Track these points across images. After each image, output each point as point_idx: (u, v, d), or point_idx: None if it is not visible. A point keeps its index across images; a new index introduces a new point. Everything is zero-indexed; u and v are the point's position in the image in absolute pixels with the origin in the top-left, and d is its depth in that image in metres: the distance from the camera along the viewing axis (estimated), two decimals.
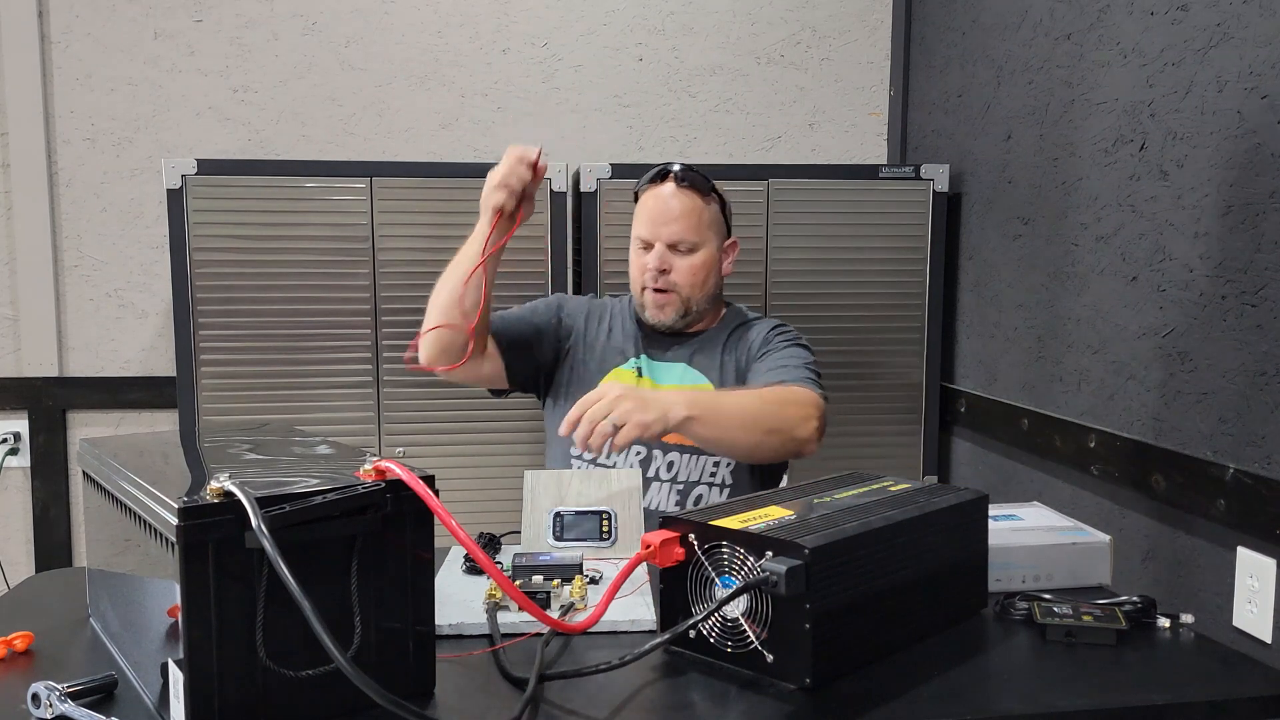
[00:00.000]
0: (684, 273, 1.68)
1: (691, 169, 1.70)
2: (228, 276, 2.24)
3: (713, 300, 1.75)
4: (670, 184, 1.69)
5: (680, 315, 1.71)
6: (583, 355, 1.76)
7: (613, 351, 1.75)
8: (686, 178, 1.69)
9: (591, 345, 1.77)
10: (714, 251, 1.72)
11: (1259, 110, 1.42)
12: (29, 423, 2.58)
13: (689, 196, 1.68)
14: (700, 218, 1.69)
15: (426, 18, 2.63)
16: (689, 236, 1.68)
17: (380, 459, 0.96)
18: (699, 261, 1.69)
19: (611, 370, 1.74)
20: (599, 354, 1.75)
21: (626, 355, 1.75)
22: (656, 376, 1.73)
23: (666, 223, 1.68)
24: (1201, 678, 1.06)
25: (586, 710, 0.95)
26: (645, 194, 1.72)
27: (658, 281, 1.68)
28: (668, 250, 1.68)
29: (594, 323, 1.79)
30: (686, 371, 1.72)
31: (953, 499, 1.19)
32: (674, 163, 1.71)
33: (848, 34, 2.73)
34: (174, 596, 0.84)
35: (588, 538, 1.38)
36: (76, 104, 2.55)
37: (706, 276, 1.71)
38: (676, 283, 1.68)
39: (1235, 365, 1.46)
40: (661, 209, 1.68)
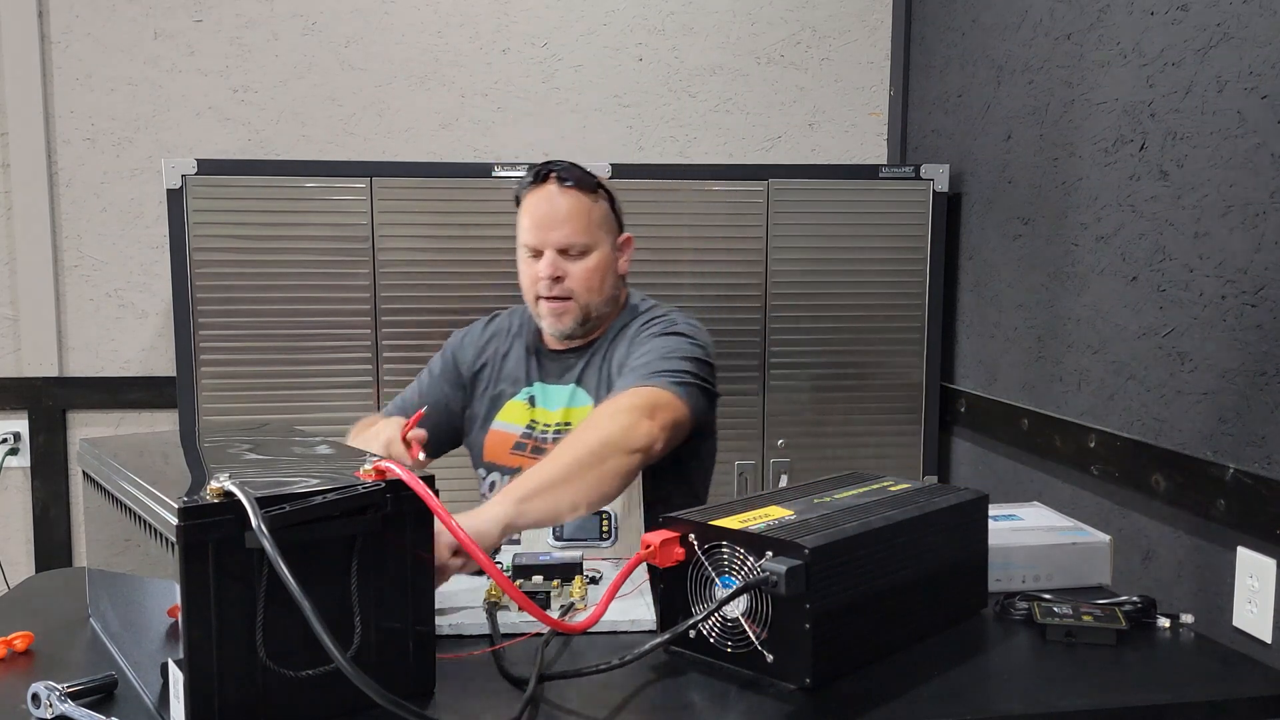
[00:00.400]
0: (579, 278, 1.58)
1: (573, 166, 1.61)
2: (228, 276, 2.24)
3: (611, 302, 1.65)
4: (552, 185, 1.59)
5: (579, 323, 1.61)
6: (481, 391, 1.71)
7: (508, 381, 1.68)
8: (569, 176, 1.59)
9: (489, 379, 1.70)
10: (608, 251, 1.62)
11: (1259, 110, 1.42)
12: (29, 423, 2.58)
13: (574, 196, 1.58)
14: (589, 217, 1.59)
15: (426, 18, 2.63)
16: (580, 239, 1.58)
17: (380, 459, 0.96)
18: (593, 264, 1.59)
19: (505, 404, 1.67)
20: (495, 384, 1.69)
21: (519, 384, 1.68)
22: (547, 403, 1.65)
23: (554, 226, 1.57)
24: (1201, 678, 1.06)
25: (586, 710, 0.95)
26: (527, 198, 1.61)
27: (552, 290, 1.58)
28: (559, 256, 1.57)
29: (488, 353, 1.72)
30: (575, 393, 1.64)
31: (953, 499, 1.19)
32: (554, 161, 1.61)
33: (848, 34, 2.73)
34: (174, 596, 0.84)
35: (588, 538, 1.38)
36: (76, 104, 2.55)
37: (603, 279, 1.61)
38: (573, 289, 1.58)
39: (1235, 365, 1.46)
40: (547, 212, 1.58)
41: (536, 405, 1.65)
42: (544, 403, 1.65)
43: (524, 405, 1.66)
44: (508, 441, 1.64)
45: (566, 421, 1.62)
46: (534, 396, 1.66)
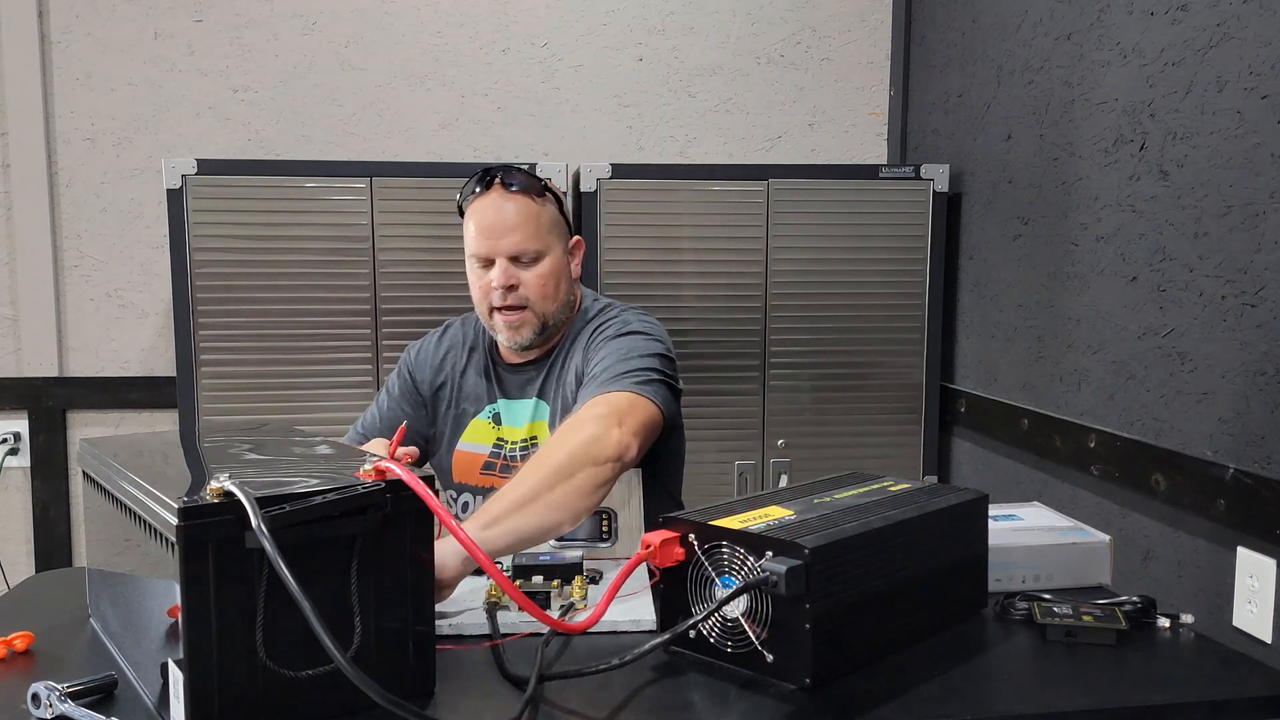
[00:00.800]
0: (533, 286, 1.52)
1: (517, 170, 1.56)
2: (228, 276, 2.24)
3: (566, 308, 1.60)
4: (497, 191, 1.53)
5: (537, 332, 1.56)
6: (443, 410, 1.66)
7: (470, 399, 1.64)
8: (514, 180, 1.54)
9: (449, 399, 1.66)
10: (560, 256, 1.57)
11: (1259, 110, 1.42)
12: (29, 423, 2.58)
13: (521, 201, 1.53)
14: (539, 222, 1.53)
15: (426, 18, 2.63)
16: (530, 245, 1.52)
17: (380, 459, 0.96)
18: (547, 270, 1.53)
19: (469, 423, 1.64)
20: (456, 404, 1.65)
21: (481, 402, 1.64)
22: (512, 420, 1.61)
23: (503, 234, 1.51)
24: (1201, 678, 1.06)
25: (586, 710, 0.95)
26: (472, 206, 1.56)
27: (506, 299, 1.52)
28: (510, 264, 1.52)
29: (445, 369, 1.67)
30: (538, 406, 1.60)
31: (953, 499, 1.19)
32: (496, 165, 1.57)
33: (848, 34, 2.73)
34: (174, 596, 0.84)
35: (588, 538, 1.38)
36: (76, 104, 2.55)
37: (557, 285, 1.55)
38: (527, 297, 1.53)
39: (1235, 365, 1.46)
40: (494, 220, 1.52)
41: (502, 423, 1.62)
42: (509, 419, 1.62)
43: (488, 424, 1.62)
44: (476, 462, 1.61)
45: (533, 436, 1.59)
46: (498, 414, 1.62)
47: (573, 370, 1.57)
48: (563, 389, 1.58)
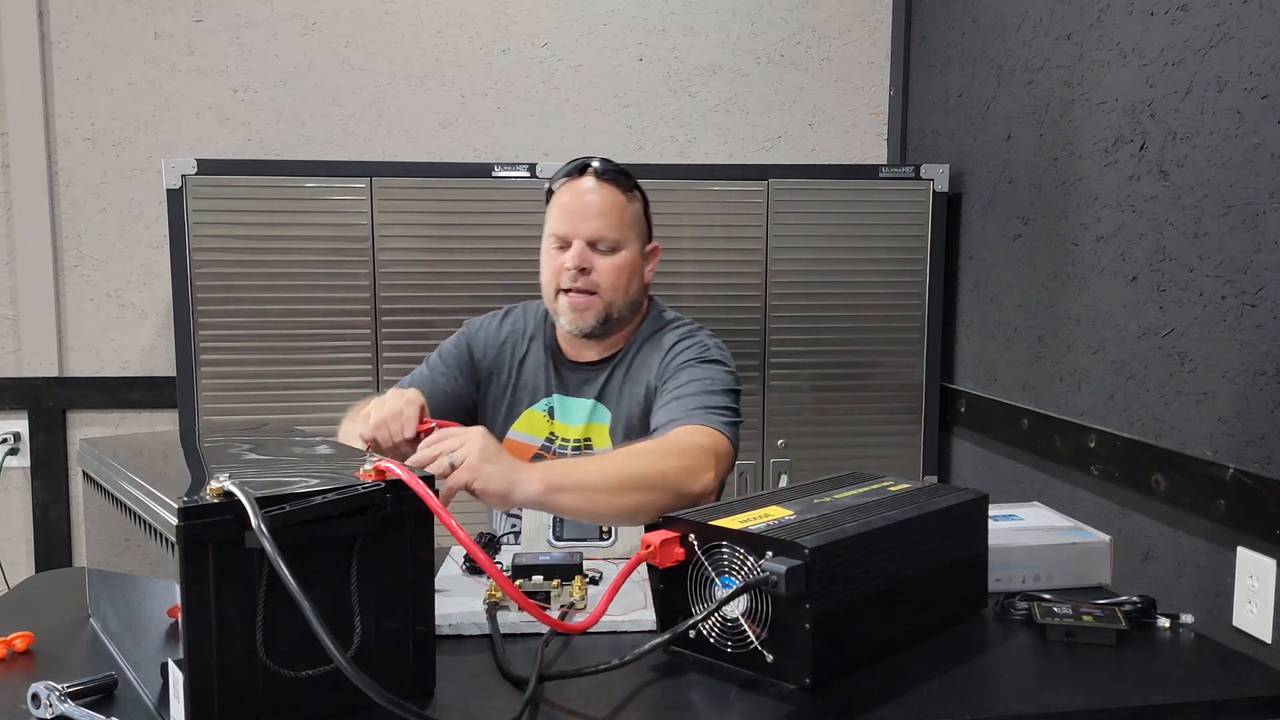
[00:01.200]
0: (606, 273, 1.53)
1: (612, 162, 1.57)
2: (228, 276, 2.24)
3: (633, 308, 1.60)
4: (589, 178, 1.55)
5: (600, 321, 1.55)
6: (496, 392, 1.65)
7: (526, 389, 1.64)
8: (607, 172, 1.55)
9: (505, 385, 1.65)
10: (636, 254, 1.57)
11: (1259, 110, 1.42)
12: (29, 423, 2.58)
13: (611, 192, 1.55)
14: (623, 215, 1.55)
15: (426, 18, 2.63)
16: (610, 234, 1.53)
17: (380, 459, 0.96)
18: (621, 262, 1.54)
19: (524, 412, 1.63)
20: (512, 391, 1.64)
21: (538, 393, 1.63)
22: (567, 417, 1.61)
23: (586, 219, 1.53)
24: (1201, 678, 1.06)
25: (586, 710, 0.95)
26: (560, 190, 1.57)
27: (577, 281, 1.52)
28: (587, 248, 1.53)
29: (505, 354, 1.66)
30: (596, 409, 1.59)
31: (953, 499, 1.19)
32: (593, 157, 1.58)
33: (848, 34, 2.73)
34: (174, 596, 0.84)
35: (588, 538, 1.38)
36: (76, 104, 2.55)
37: (629, 280, 1.56)
38: (598, 284, 1.53)
39: (1235, 365, 1.46)
40: (580, 204, 1.54)
41: (555, 418, 1.61)
42: (563, 416, 1.61)
43: (543, 416, 1.62)
44: (526, 452, 1.60)
45: (587, 438, 1.59)
46: (553, 408, 1.62)
47: (643, 384, 1.57)
48: (628, 400, 1.57)
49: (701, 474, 1.33)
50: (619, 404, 1.58)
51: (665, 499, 1.28)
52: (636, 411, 1.56)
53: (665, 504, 1.27)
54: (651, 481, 1.29)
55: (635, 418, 1.56)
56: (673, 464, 1.32)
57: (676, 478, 1.31)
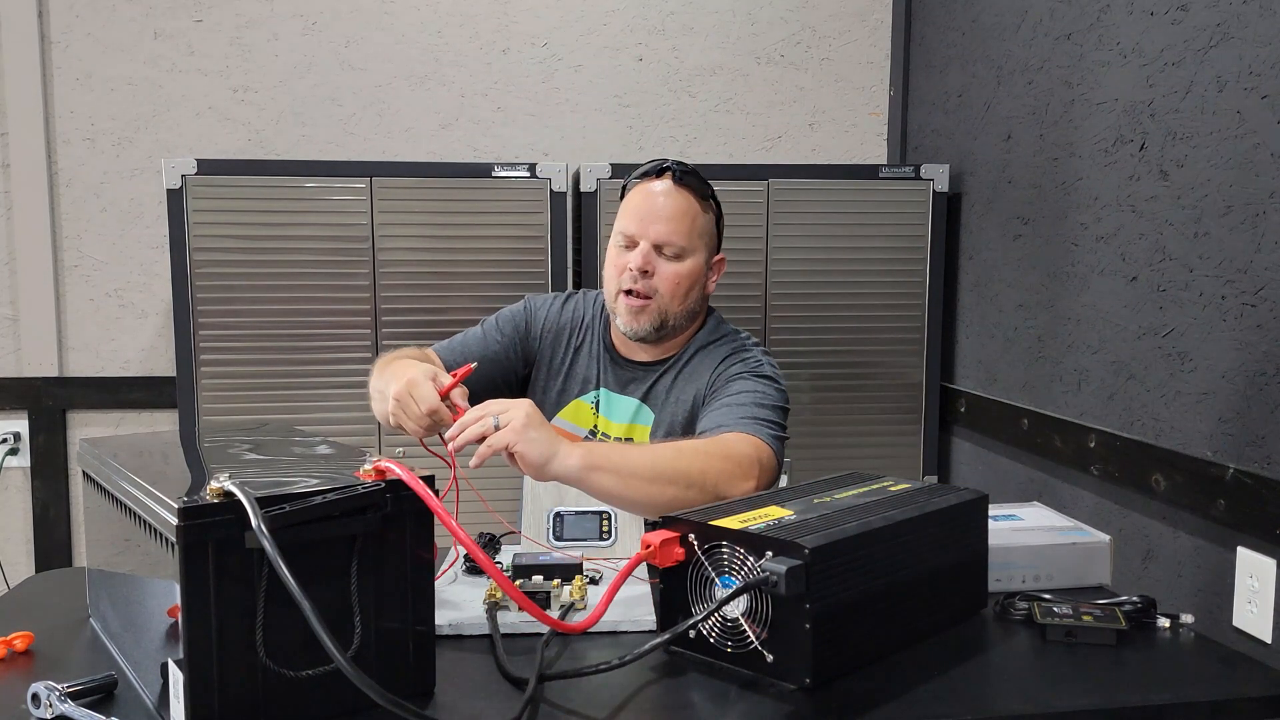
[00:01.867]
0: (667, 279, 1.52)
1: (693, 170, 1.57)
2: (228, 276, 2.24)
3: (690, 317, 1.59)
4: (667, 181, 1.54)
5: (655, 327, 1.54)
6: (545, 376, 1.64)
7: (576, 379, 1.63)
8: (685, 178, 1.54)
9: (557, 371, 1.64)
10: (701, 264, 1.56)
11: (1259, 110, 1.42)
12: (29, 423, 2.58)
13: (684, 198, 1.54)
14: (694, 223, 1.54)
15: (426, 17, 2.63)
16: (677, 240, 1.52)
17: (380, 459, 0.96)
18: (685, 270, 1.53)
19: (571, 402, 1.62)
20: (563, 379, 1.63)
21: (588, 385, 1.62)
22: (611, 413, 1.60)
23: (656, 220, 1.52)
24: (1201, 678, 1.06)
25: (586, 710, 0.95)
26: (636, 189, 1.57)
27: (637, 283, 1.51)
28: (653, 251, 1.52)
29: (561, 342, 1.65)
30: (640, 410, 1.59)
31: (953, 499, 1.19)
32: (672, 160, 1.57)
33: (848, 34, 2.73)
34: (174, 596, 0.84)
35: (588, 538, 1.38)
36: (76, 104, 2.55)
37: (690, 289, 1.55)
38: (657, 289, 1.52)
39: (1235, 365, 1.46)
40: (652, 206, 1.53)
41: (600, 412, 1.61)
42: (607, 411, 1.60)
43: (589, 408, 1.61)
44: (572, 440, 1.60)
45: (629, 438, 1.58)
46: (599, 402, 1.61)
47: (691, 392, 1.56)
48: (674, 405, 1.57)
49: (743, 481, 1.32)
50: (664, 408, 1.58)
51: (702, 498, 1.27)
52: (681, 418, 1.55)
53: (701, 503, 1.25)
54: (691, 478, 1.28)
55: (679, 424, 1.55)
56: (716, 465, 1.31)
57: (717, 479, 1.30)
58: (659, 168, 1.56)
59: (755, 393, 1.48)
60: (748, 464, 1.34)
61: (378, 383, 1.46)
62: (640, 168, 1.59)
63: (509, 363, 1.63)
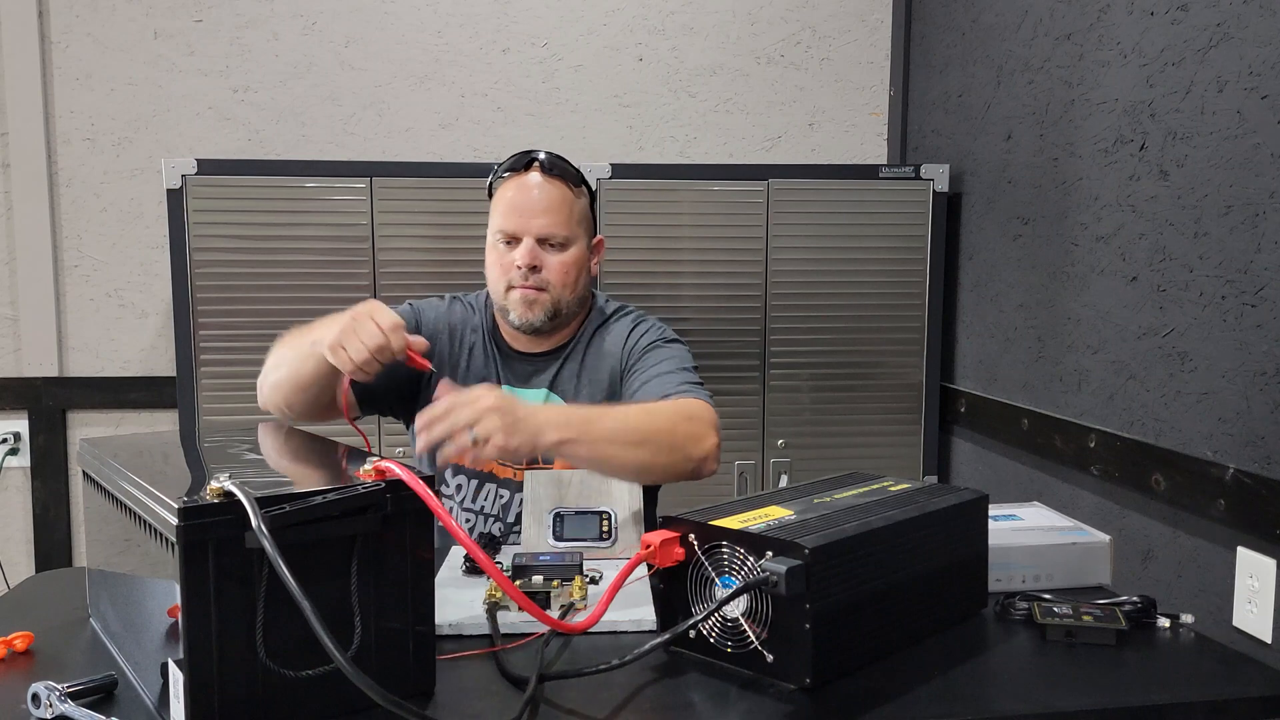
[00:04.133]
0: (556, 270, 1.53)
1: (559, 157, 1.57)
2: (228, 276, 2.24)
3: (581, 303, 1.61)
4: (537, 173, 1.54)
5: (549, 316, 1.55)
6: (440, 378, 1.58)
7: (474, 379, 1.60)
8: (555, 166, 1.55)
9: (453, 371, 1.62)
10: (585, 250, 1.58)
11: (1259, 110, 1.42)
12: (29, 423, 2.58)
13: (558, 187, 1.54)
14: (571, 210, 1.55)
15: (426, 18, 2.63)
16: (560, 231, 1.53)
17: (380, 459, 0.96)
18: (571, 259, 1.54)
19: None
20: (463, 382, 1.59)
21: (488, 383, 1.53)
22: None
23: (535, 215, 1.52)
24: (1201, 678, 1.06)
25: (586, 710, 0.95)
26: (507, 183, 1.56)
27: (527, 279, 1.52)
28: (536, 245, 1.52)
29: (455, 342, 1.63)
30: (549, 399, 1.59)
31: (953, 499, 1.19)
32: (537, 150, 1.58)
33: (848, 34, 2.73)
34: (174, 596, 0.84)
35: (588, 538, 1.38)
36: (76, 104, 2.55)
37: (578, 276, 1.56)
38: (548, 281, 1.53)
39: (1235, 365, 1.46)
40: (528, 200, 1.53)
41: None
42: None
43: None
44: None
45: None
46: None
47: (605, 372, 1.58)
48: (587, 389, 1.58)
49: (705, 439, 1.39)
50: (576, 394, 1.58)
51: (673, 461, 1.36)
52: (600, 398, 1.57)
53: (672, 466, 1.36)
54: (664, 441, 1.35)
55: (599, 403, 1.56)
56: (682, 427, 1.38)
57: (685, 440, 1.37)
58: (526, 160, 1.57)
59: (674, 358, 1.55)
60: (705, 424, 1.41)
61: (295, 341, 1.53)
62: (504, 162, 1.59)
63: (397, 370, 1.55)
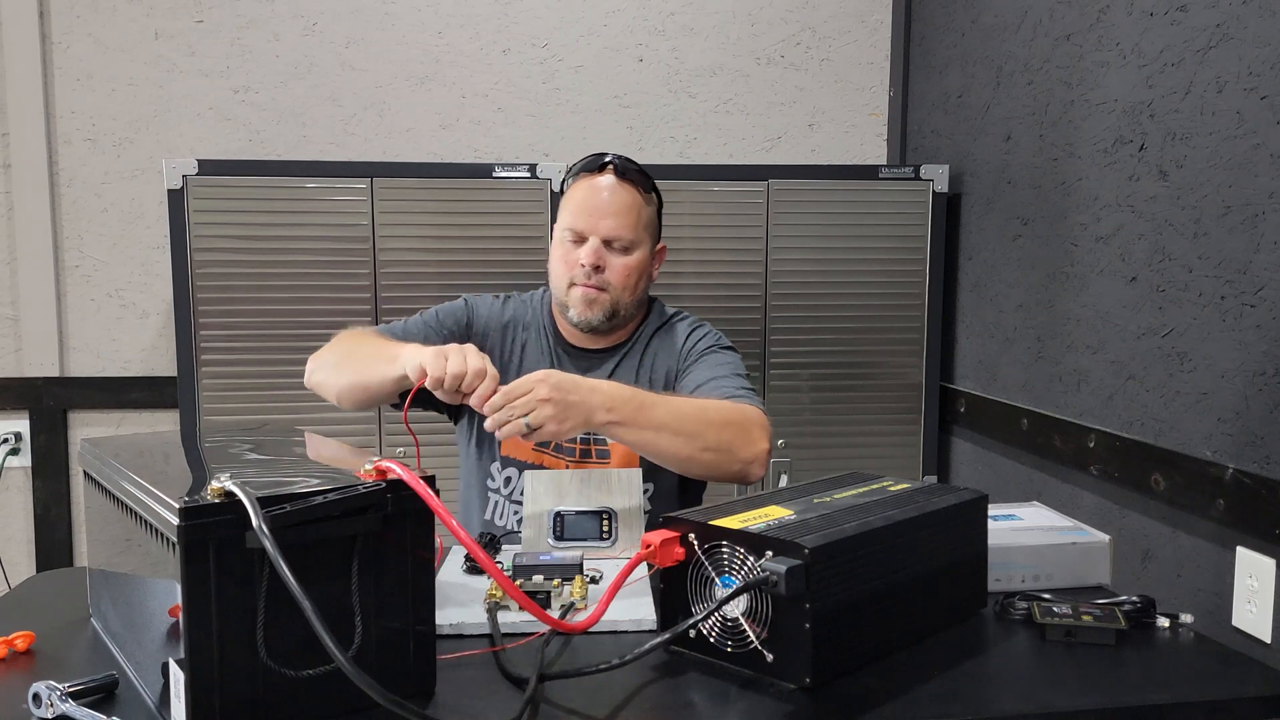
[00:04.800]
0: (618, 272, 1.56)
1: (632, 161, 1.60)
2: (228, 277, 2.24)
3: (639, 306, 1.64)
4: (609, 175, 1.57)
5: (607, 317, 1.58)
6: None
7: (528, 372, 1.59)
8: (627, 171, 1.58)
9: (505, 367, 1.62)
10: (648, 254, 1.61)
11: (1259, 110, 1.42)
12: (30, 423, 2.58)
13: (629, 191, 1.57)
14: (639, 215, 1.58)
15: (427, 18, 2.63)
16: (626, 234, 1.56)
17: (381, 459, 0.97)
18: (634, 263, 1.57)
19: None
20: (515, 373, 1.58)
21: None
22: None
23: (604, 216, 1.55)
24: (1201, 678, 1.06)
25: (586, 710, 0.95)
26: (579, 184, 1.60)
27: (590, 279, 1.55)
28: (602, 246, 1.55)
29: (508, 339, 1.65)
30: None
31: (953, 499, 1.19)
32: (611, 153, 1.60)
33: (848, 34, 2.73)
34: (175, 596, 0.84)
35: (588, 538, 1.38)
36: (77, 104, 2.55)
37: (639, 280, 1.59)
38: (610, 282, 1.56)
39: (1235, 365, 1.46)
40: (598, 202, 1.56)
41: None
42: None
43: None
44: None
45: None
46: None
47: (663, 370, 1.62)
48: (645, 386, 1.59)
49: (757, 443, 1.43)
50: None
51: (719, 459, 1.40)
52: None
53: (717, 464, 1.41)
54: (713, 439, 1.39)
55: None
56: (734, 427, 1.42)
57: (735, 439, 1.41)
58: (600, 162, 1.59)
59: (730, 364, 1.60)
60: (758, 427, 1.44)
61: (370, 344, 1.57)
62: (578, 162, 1.61)
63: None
